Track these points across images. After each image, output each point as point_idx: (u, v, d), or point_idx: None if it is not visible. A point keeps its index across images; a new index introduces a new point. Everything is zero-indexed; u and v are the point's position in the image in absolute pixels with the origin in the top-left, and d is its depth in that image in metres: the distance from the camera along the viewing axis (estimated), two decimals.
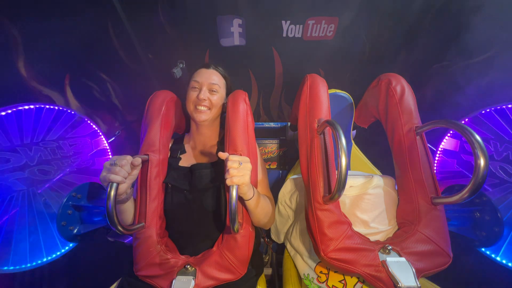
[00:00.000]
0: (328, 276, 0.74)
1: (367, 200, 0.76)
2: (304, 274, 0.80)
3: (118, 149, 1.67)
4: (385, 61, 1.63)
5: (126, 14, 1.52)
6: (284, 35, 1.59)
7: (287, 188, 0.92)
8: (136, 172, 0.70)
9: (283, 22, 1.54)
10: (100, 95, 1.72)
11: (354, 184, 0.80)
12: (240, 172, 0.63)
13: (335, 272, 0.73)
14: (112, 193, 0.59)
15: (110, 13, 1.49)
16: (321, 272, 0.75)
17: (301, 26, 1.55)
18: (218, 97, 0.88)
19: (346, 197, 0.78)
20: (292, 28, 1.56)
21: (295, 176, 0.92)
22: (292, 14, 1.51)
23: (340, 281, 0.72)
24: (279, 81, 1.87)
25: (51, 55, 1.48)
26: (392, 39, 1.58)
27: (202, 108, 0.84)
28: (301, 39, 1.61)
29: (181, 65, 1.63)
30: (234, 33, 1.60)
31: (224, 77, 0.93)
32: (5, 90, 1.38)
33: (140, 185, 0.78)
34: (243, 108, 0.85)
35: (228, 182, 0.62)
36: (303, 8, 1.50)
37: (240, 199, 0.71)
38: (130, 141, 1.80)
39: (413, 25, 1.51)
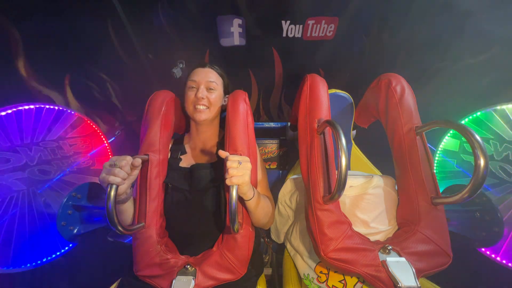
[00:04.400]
0: (328, 276, 0.74)
1: (367, 200, 0.76)
2: (304, 274, 0.80)
3: (118, 149, 1.67)
4: (385, 61, 1.63)
5: (126, 14, 1.52)
6: (284, 35, 1.59)
7: (287, 188, 0.92)
8: (136, 172, 0.70)
9: (283, 22, 1.54)
10: (100, 95, 1.72)
11: (354, 184, 0.80)
12: (240, 172, 0.63)
13: (335, 272, 0.73)
14: (112, 193, 0.59)
15: (110, 13, 1.49)
16: (321, 272, 0.75)
17: (301, 26, 1.55)
18: (216, 96, 0.88)
19: (346, 197, 0.78)
20: (292, 28, 1.56)
21: (295, 176, 0.92)
22: (292, 14, 1.51)
23: (340, 281, 0.72)
24: (279, 81, 1.87)
25: (51, 55, 1.49)
26: (392, 39, 1.58)
27: (201, 107, 0.84)
28: (301, 39, 1.61)
29: (181, 65, 1.63)
30: (234, 33, 1.60)
31: (221, 76, 0.93)
32: (5, 90, 1.39)
33: (140, 185, 0.77)
34: (243, 108, 0.84)
35: (227, 182, 0.62)
36: (303, 8, 1.50)
37: (240, 199, 0.71)
38: (130, 141, 1.81)
39: (413, 25, 1.51)
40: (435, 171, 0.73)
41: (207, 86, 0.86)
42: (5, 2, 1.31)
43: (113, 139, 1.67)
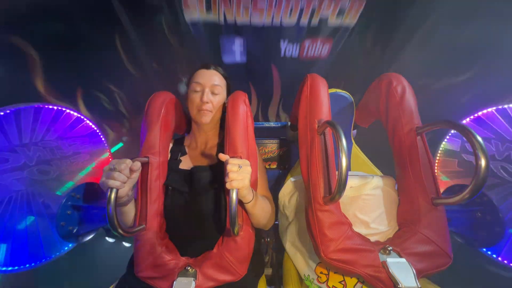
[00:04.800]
0: (328, 276, 0.74)
1: (367, 200, 0.76)
2: (304, 275, 0.80)
3: (122, 153, 1.75)
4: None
5: (132, 29, 1.68)
6: (282, 54, 1.73)
7: (288, 189, 0.91)
8: (136, 175, 0.69)
9: (281, 41, 1.69)
10: (109, 105, 1.87)
11: (354, 184, 0.79)
12: (240, 176, 0.62)
13: (335, 272, 0.73)
14: (112, 197, 0.58)
15: (117, 30, 1.67)
16: (321, 272, 0.75)
17: (298, 44, 1.71)
18: (220, 99, 0.87)
19: (346, 197, 0.78)
20: (289, 48, 1.71)
21: (295, 178, 0.91)
22: (289, 36, 1.65)
23: (340, 282, 0.72)
24: (277, 92, 1.99)
25: (65, 72, 1.67)
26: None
27: (206, 110, 0.84)
28: (298, 59, 1.76)
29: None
30: (236, 52, 1.73)
31: (225, 78, 0.92)
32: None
33: (140, 188, 0.77)
34: (243, 109, 0.84)
35: (227, 185, 0.62)
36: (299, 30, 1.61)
37: (240, 201, 0.71)
38: (135, 146, 1.87)
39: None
40: (435, 171, 0.72)
41: (212, 90, 0.85)
42: (20, 24, 1.50)
43: (121, 145, 1.74)
